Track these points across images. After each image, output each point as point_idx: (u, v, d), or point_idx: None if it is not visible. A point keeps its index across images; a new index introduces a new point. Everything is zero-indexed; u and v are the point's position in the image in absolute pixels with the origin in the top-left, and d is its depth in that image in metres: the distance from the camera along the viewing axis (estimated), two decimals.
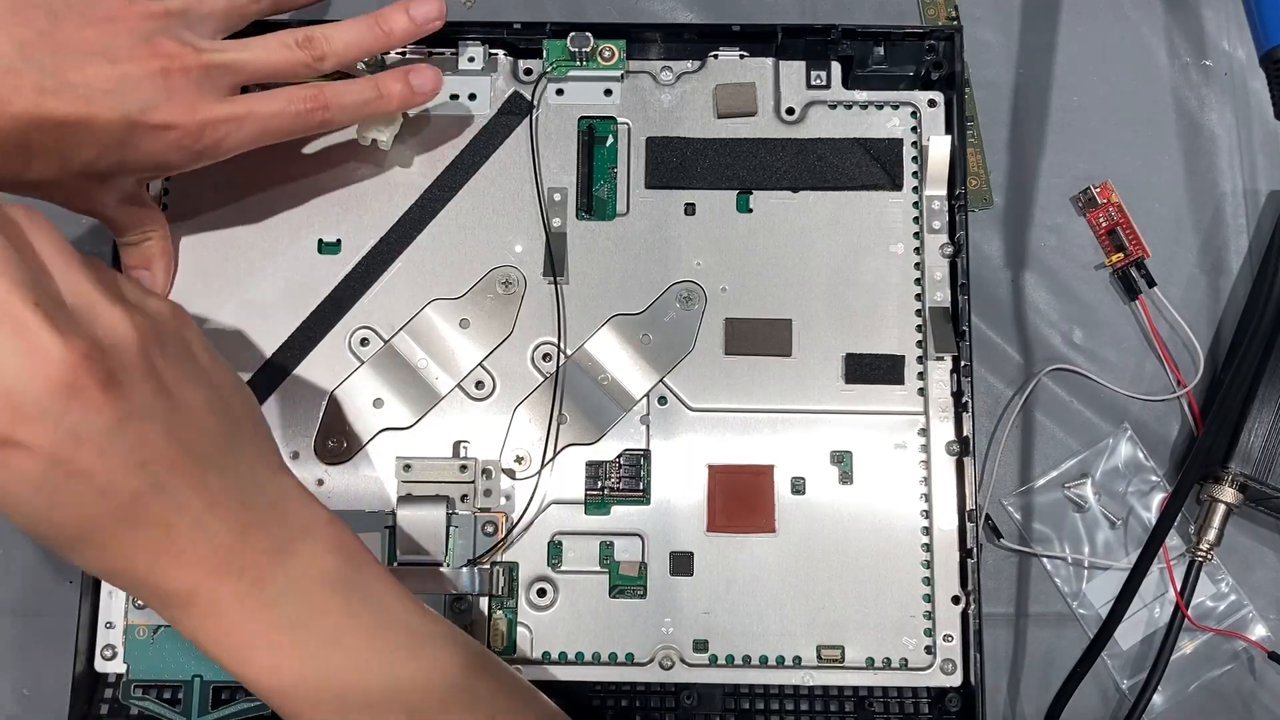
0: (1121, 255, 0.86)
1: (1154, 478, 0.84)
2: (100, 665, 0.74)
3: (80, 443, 0.51)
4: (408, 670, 0.61)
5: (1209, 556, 0.80)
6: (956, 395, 0.77)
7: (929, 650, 0.75)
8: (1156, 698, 0.80)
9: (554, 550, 0.76)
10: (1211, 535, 0.80)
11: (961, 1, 0.91)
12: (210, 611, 0.57)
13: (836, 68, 0.82)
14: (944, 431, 0.77)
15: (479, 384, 0.78)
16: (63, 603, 0.77)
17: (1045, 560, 0.83)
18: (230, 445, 0.59)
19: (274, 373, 0.77)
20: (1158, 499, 0.83)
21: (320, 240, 0.79)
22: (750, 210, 0.80)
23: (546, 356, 0.78)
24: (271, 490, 0.60)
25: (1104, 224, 0.87)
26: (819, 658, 0.75)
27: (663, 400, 0.78)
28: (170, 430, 0.55)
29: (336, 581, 0.60)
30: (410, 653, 0.62)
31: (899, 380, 0.78)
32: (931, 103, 0.81)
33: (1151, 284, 0.85)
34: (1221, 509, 0.80)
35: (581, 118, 0.81)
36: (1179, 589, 0.79)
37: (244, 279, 0.79)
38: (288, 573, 0.59)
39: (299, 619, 0.59)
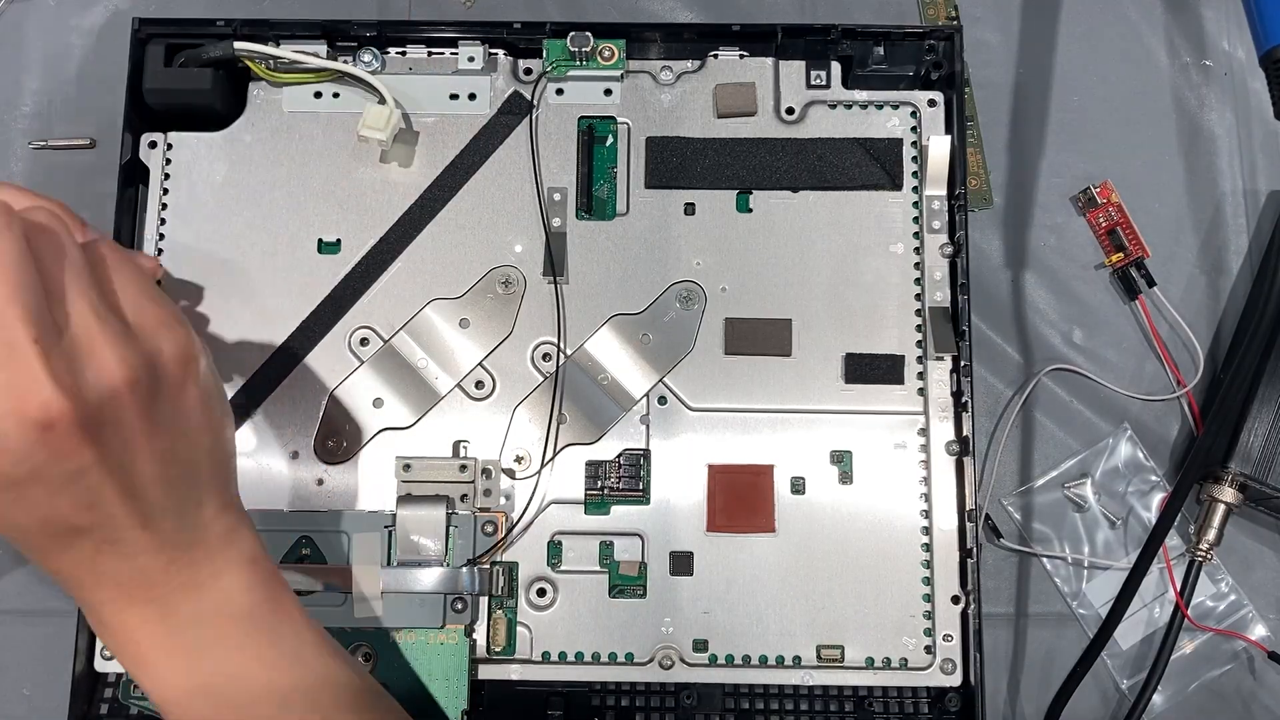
0: (1121, 255, 0.85)
1: (1154, 478, 0.83)
2: (100, 665, 0.74)
3: (38, 479, 0.51)
4: (297, 703, 0.61)
5: (1209, 556, 0.79)
6: (956, 395, 0.77)
7: (929, 650, 0.74)
8: (1156, 698, 0.80)
9: (554, 550, 0.76)
10: (1211, 535, 0.79)
11: (961, 1, 0.91)
12: (116, 627, 0.58)
13: (836, 67, 0.81)
14: (944, 431, 0.77)
15: (479, 384, 0.77)
16: (62, 603, 0.77)
17: (1045, 560, 0.82)
18: (181, 491, 0.58)
19: (274, 372, 0.77)
20: (1157, 499, 0.83)
21: (320, 240, 0.79)
22: (750, 210, 0.80)
23: (546, 356, 0.78)
24: (212, 529, 0.59)
25: (1104, 224, 0.86)
26: (819, 657, 0.74)
27: (662, 400, 0.77)
28: (126, 483, 0.54)
29: (242, 617, 0.60)
30: (305, 694, 0.61)
31: (899, 380, 0.77)
32: (931, 102, 0.81)
33: (1151, 284, 0.85)
34: (1221, 509, 0.79)
35: (581, 117, 0.81)
36: (1179, 589, 0.79)
37: (244, 279, 0.78)
38: (197, 605, 0.58)
39: (198, 646, 0.59)
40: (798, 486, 0.76)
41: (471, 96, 0.81)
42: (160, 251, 0.78)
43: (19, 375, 0.49)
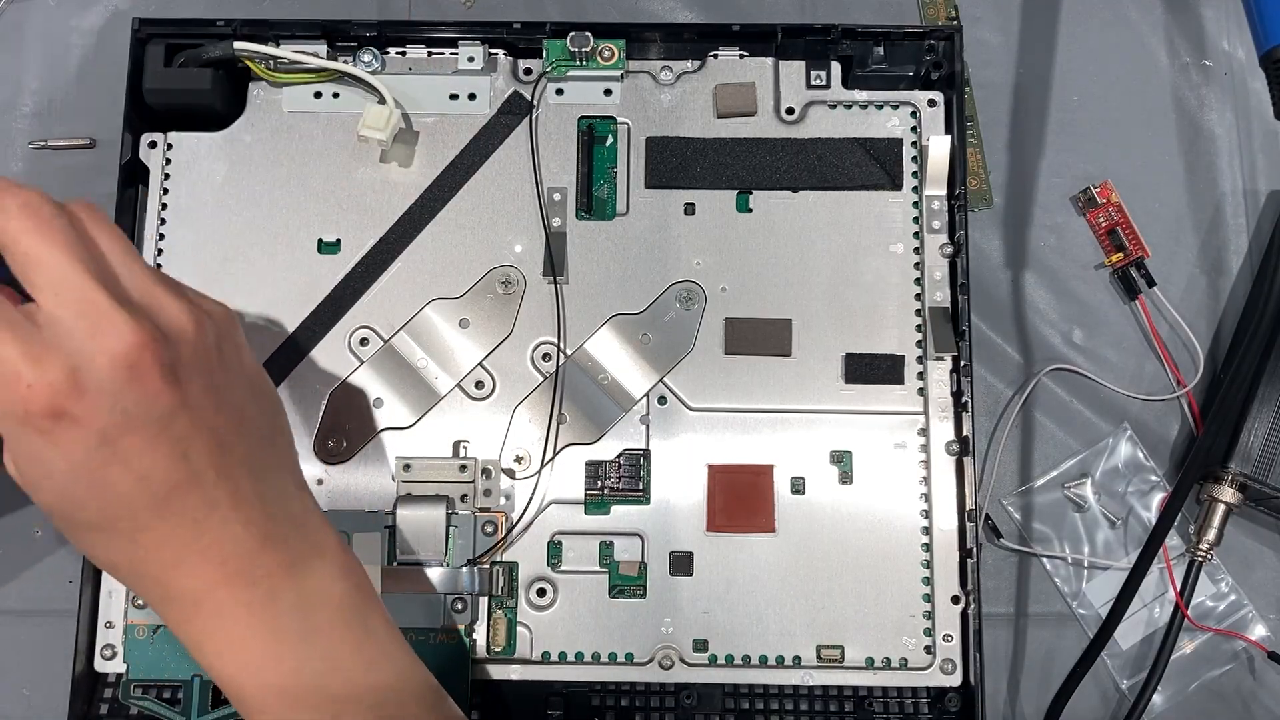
0: (1121, 255, 0.84)
1: (1154, 478, 0.82)
2: (100, 665, 0.73)
3: (131, 425, 0.51)
4: (389, 701, 0.60)
5: (1209, 556, 0.79)
6: (956, 395, 0.76)
7: (928, 650, 0.74)
8: (1156, 698, 0.79)
9: (554, 550, 0.75)
10: (1211, 535, 0.78)
11: (961, 1, 0.90)
12: (216, 613, 0.56)
13: (836, 67, 0.81)
14: (944, 431, 0.76)
15: (479, 384, 0.76)
16: (62, 603, 0.76)
17: (1045, 560, 0.81)
18: (264, 453, 0.58)
19: (274, 372, 0.76)
20: (1157, 499, 0.82)
21: (320, 240, 0.78)
22: (750, 210, 0.79)
23: (546, 356, 0.77)
24: (294, 504, 0.60)
25: (1104, 224, 0.85)
26: (819, 657, 0.74)
27: (662, 400, 0.77)
28: (214, 428, 0.55)
29: (343, 605, 0.59)
30: (395, 692, 0.61)
31: (899, 380, 0.77)
32: (931, 102, 0.80)
33: (1151, 284, 0.84)
34: (1221, 509, 0.79)
35: (581, 117, 0.80)
36: (1179, 589, 0.78)
37: (244, 279, 0.78)
38: (299, 588, 0.58)
39: (301, 635, 0.58)
40: (798, 486, 0.76)
41: (471, 96, 0.80)
42: (160, 251, 0.78)
43: (100, 320, 0.51)
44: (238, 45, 0.79)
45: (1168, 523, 0.73)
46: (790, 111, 0.80)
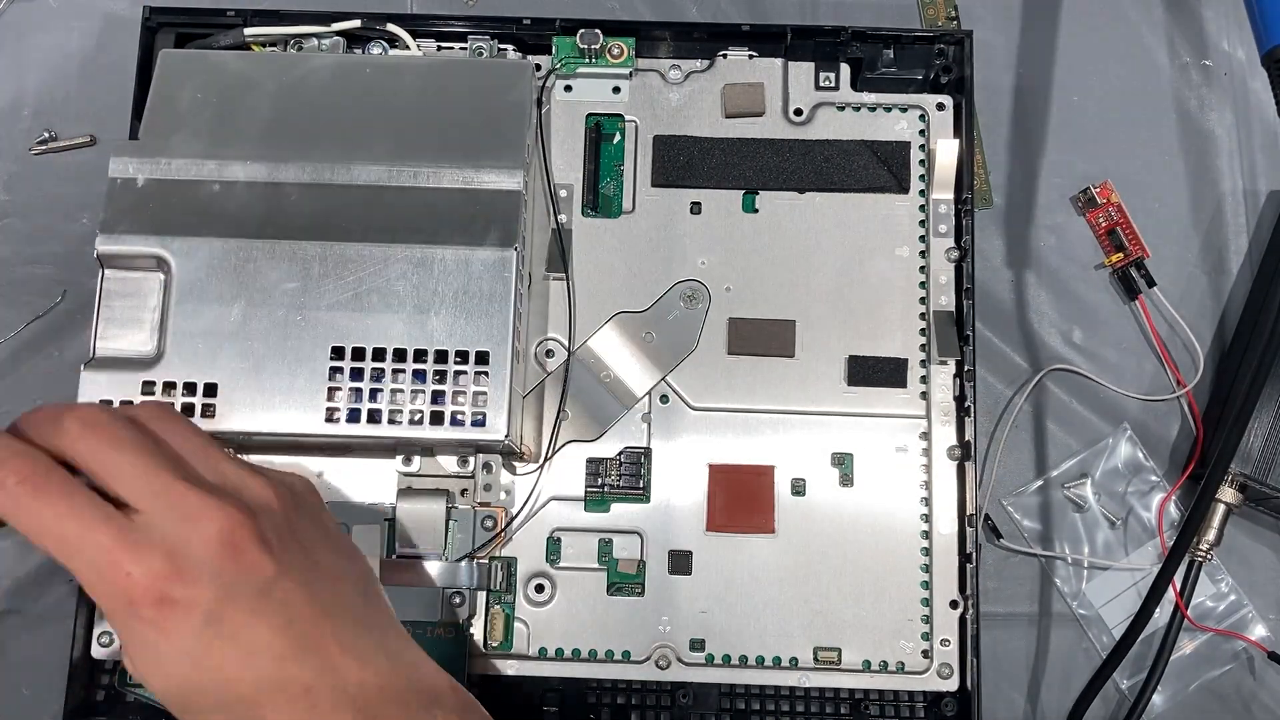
0: (1121, 255, 0.79)
1: (1154, 478, 0.77)
2: (97, 651, 0.67)
3: (234, 599, 0.48)
4: None
5: (1209, 556, 0.73)
6: (959, 399, 0.70)
7: (926, 654, 0.68)
8: (1156, 698, 0.74)
9: (553, 546, 0.69)
10: (1211, 535, 0.73)
11: (961, 1, 0.84)
12: None
13: (845, 69, 0.75)
14: (945, 435, 0.70)
15: None
16: (63, 602, 0.72)
17: (1045, 560, 0.76)
18: (364, 609, 0.54)
19: None
20: (1157, 499, 0.77)
21: None
22: (756, 210, 0.73)
23: (550, 353, 0.71)
24: (405, 654, 0.54)
25: (1104, 224, 0.80)
26: (816, 659, 0.68)
27: (664, 399, 0.70)
28: (312, 591, 0.51)
29: None
30: None
31: (901, 383, 0.70)
32: (940, 106, 0.74)
33: (1151, 284, 0.79)
34: (1221, 509, 0.73)
35: (589, 115, 0.74)
36: (1179, 589, 0.73)
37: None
38: None
39: None
40: (798, 488, 0.69)
41: None
42: None
43: (190, 508, 0.48)
44: (248, 32, 0.73)
45: (1190, 532, 0.67)
46: (798, 113, 0.74)
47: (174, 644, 0.48)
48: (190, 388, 0.62)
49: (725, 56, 0.74)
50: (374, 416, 0.62)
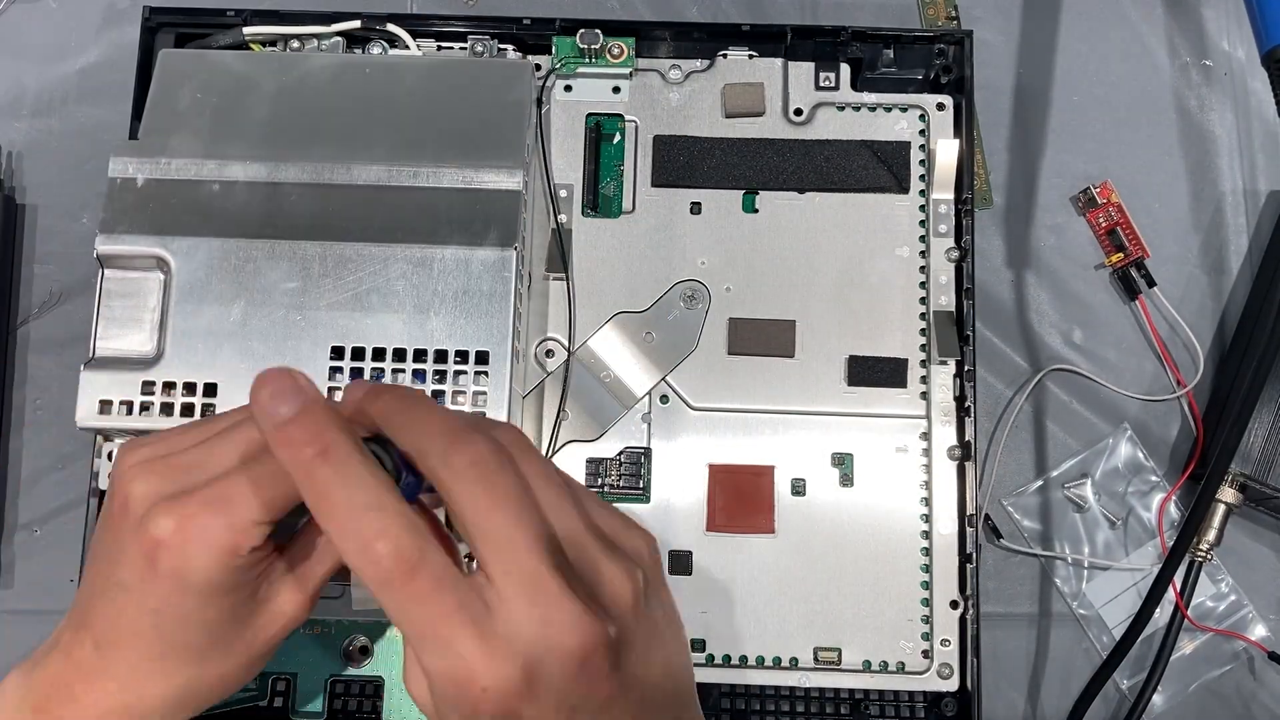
0: (1121, 255, 0.78)
1: (1154, 478, 0.76)
2: None
3: None
4: None
5: (1209, 556, 0.73)
6: (959, 400, 0.70)
7: (926, 655, 0.67)
8: (1156, 698, 0.73)
9: None
10: (1211, 535, 0.73)
11: (961, 1, 0.84)
12: None
13: (845, 69, 0.75)
14: (945, 436, 0.70)
15: None
16: (63, 603, 0.69)
17: (1045, 560, 0.75)
18: (684, 710, 0.49)
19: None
20: (1157, 499, 0.76)
21: None
22: (756, 210, 0.72)
23: (550, 353, 0.70)
24: None
25: (1104, 224, 0.79)
26: (816, 660, 0.67)
27: (664, 399, 0.70)
28: (643, 702, 0.45)
29: None
30: None
31: (902, 384, 0.70)
32: (940, 106, 0.74)
33: (1151, 284, 0.78)
34: (1221, 509, 0.73)
35: (589, 115, 0.74)
36: (1179, 589, 0.72)
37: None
38: None
39: None
40: (798, 488, 0.69)
41: None
42: None
43: (550, 610, 0.42)
44: (248, 32, 0.72)
45: (1190, 534, 0.66)
46: (798, 112, 0.73)
47: None
48: (190, 388, 0.62)
49: (725, 56, 0.74)
50: None
